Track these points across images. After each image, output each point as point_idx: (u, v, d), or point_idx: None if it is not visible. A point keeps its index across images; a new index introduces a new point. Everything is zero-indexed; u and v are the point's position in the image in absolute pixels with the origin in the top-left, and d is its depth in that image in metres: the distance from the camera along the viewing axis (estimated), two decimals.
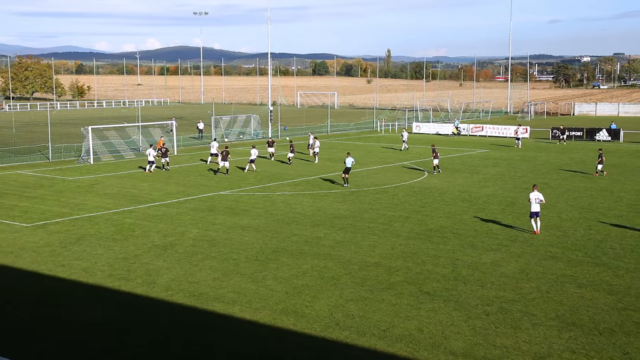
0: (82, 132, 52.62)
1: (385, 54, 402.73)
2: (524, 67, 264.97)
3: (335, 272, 21.36)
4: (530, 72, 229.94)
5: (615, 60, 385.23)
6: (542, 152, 56.98)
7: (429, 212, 30.73)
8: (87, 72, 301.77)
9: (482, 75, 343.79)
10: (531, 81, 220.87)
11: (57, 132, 71.07)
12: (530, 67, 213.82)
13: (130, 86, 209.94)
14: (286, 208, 31.74)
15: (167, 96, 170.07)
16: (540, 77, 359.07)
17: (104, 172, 44.20)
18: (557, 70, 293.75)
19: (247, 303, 18.53)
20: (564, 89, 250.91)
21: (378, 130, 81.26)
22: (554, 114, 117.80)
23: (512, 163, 49.08)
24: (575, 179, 41.02)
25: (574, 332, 16.49)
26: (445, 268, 21.84)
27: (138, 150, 55.53)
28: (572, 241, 25.36)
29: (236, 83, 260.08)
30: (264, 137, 70.51)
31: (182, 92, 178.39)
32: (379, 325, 16.90)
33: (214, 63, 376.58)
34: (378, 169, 45.44)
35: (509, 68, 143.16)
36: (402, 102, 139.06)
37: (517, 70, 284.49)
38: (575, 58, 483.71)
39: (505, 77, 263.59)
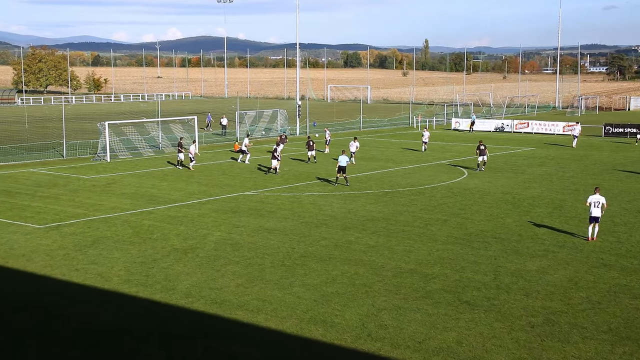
0: (99, 128, 53.29)
1: (423, 45, 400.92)
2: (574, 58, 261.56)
3: (367, 279, 21.33)
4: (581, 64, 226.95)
5: None
6: (594, 151, 56.24)
7: (469, 215, 30.53)
8: (104, 63, 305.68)
9: (528, 67, 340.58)
10: (582, 73, 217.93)
11: (72, 127, 72.12)
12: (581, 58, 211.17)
13: (149, 79, 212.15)
14: (315, 210, 31.78)
15: (189, 89, 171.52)
16: (592, 68, 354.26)
17: (121, 170, 44.72)
18: (611, 61, 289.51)
19: (272, 311, 18.59)
20: (618, 81, 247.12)
21: (414, 126, 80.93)
22: (607, 109, 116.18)
23: (561, 162, 48.52)
24: (630, 180, 40.40)
25: (629, 346, 16.24)
26: (486, 275, 21.67)
27: (158, 148, 56.06)
28: (627, 247, 24.98)
29: (262, 76, 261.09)
30: (291, 133, 70.71)
31: (205, 85, 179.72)
32: (414, 337, 16.84)
33: (238, 54, 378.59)
34: (414, 168, 45.27)
35: (558, 59, 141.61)
36: (441, 97, 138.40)
37: (566, 61, 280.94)
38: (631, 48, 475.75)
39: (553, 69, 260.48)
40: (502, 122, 76.75)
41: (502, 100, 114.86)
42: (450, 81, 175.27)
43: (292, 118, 75.70)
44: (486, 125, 77.28)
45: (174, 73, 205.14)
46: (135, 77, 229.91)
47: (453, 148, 57.97)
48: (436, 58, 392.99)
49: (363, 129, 77.22)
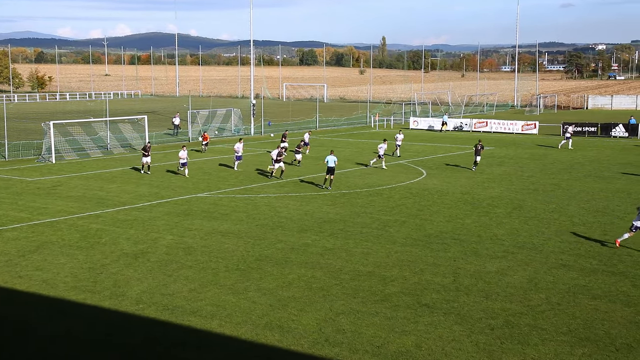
0: (43, 128, 52.39)
1: (380, 42, 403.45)
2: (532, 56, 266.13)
3: (324, 283, 21.37)
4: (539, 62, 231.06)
5: (633, 49, 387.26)
6: (553, 150, 57.26)
7: (427, 216, 30.81)
8: (48, 60, 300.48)
9: (487, 65, 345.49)
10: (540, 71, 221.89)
11: (15, 127, 70.76)
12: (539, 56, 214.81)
13: (96, 77, 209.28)
14: (270, 212, 31.73)
15: (139, 88, 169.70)
16: (550, 67, 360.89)
17: (68, 172, 44.03)
18: (569, 59, 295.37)
19: (226, 317, 18.50)
20: (576, 80, 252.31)
21: (372, 126, 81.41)
22: (565, 108, 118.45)
23: (520, 162, 49.29)
24: (588, 180, 41.24)
25: (588, 348, 16.57)
26: (445, 278, 21.90)
27: (106, 148, 55.36)
28: (586, 248, 25.49)
29: (215, 74, 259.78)
30: (245, 133, 70.49)
31: (155, 83, 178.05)
32: (372, 341, 16.92)
33: (190, 51, 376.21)
34: (372, 169, 45.50)
35: (516, 57, 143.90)
36: (399, 95, 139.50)
37: (525, 59, 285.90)
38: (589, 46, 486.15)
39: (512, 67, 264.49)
40: (460, 121, 77.67)
41: (460, 99, 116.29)
42: (408, 79, 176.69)
43: (247, 117, 75.48)
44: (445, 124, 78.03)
45: (122, 71, 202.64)
46: (82, 75, 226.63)
47: (411, 148, 58.44)
48: (394, 56, 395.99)
49: (319, 129, 77.36)
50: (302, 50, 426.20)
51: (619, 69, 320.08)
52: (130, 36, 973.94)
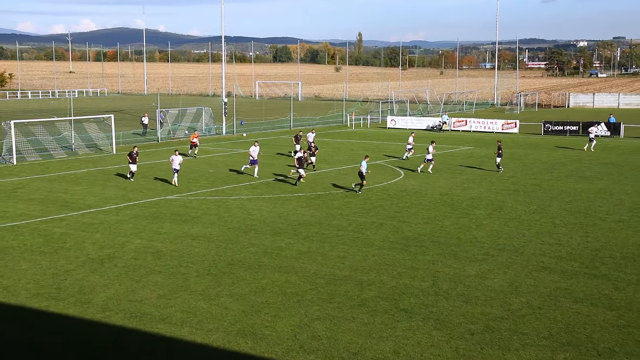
0: (3, 128, 51.84)
1: (356, 38, 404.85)
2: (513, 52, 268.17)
3: (299, 287, 21.37)
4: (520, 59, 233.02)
5: (615, 45, 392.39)
6: (533, 149, 57.76)
7: (405, 218, 30.94)
8: (8, 57, 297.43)
9: (466, 61, 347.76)
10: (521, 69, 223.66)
11: None
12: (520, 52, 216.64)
13: (60, 74, 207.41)
14: (243, 214, 31.67)
15: (105, 86, 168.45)
16: (531, 63, 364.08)
17: (30, 174, 43.59)
18: (550, 56, 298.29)
19: (197, 324, 18.44)
20: (557, 77, 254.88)
21: (348, 124, 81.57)
22: (546, 106, 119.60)
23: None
24: (570, 180, 41.66)
25: (570, 352, 16.74)
26: (424, 281, 22.00)
27: (70, 149, 54.91)
28: (567, 250, 25.75)
29: (185, 71, 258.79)
30: (217, 132, 70.30)
31: (122, 81, 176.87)
32: (349, 348, 16.96)
33: (159, 48, 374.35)
34: (348, 169, 45.58)
35: (496, 54, 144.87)
36: (376, 93, 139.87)
37: (505, 56, 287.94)
38: (570, 42, 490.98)
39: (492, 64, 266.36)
40: (439, 120, 78.05)
41: (439, 97, 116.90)
42: (385, 77, 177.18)
43: (218, 116, 75.23)
44: (423, 123, 78.45)
45: (87, 68, 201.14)
46: (45, 72, 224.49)
47: (389, 148, 58.65)
48: (370, 52, 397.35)
49: (294, 128, 77.33)
50: (276, 47, 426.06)
51: (601, 66, 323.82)
52: (95, 31, 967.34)
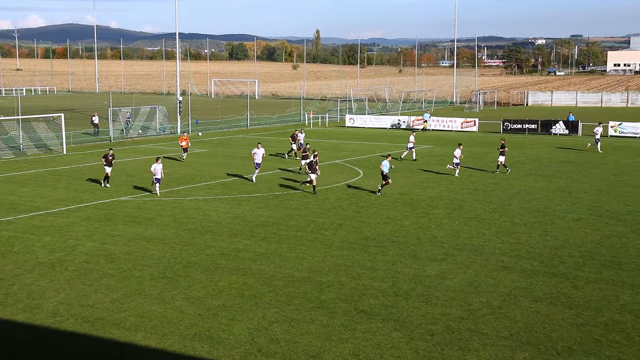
0: None
1: (314, 36, 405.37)
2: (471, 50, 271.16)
3: (256, 290, 21.33)
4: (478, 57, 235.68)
5: (572, 43, 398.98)
6: (493, 148, 58.36)
7: (364, 218, 31.06)
8: None
9: (425, 59, 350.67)
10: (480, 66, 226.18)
11: None
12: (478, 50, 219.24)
13: (7, 71, 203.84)
14: (199, 215, 31.49)
15: (54, 84, 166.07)
16: (489, 61, 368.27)
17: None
18: (509, 54, 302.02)
19: (152, 328, 18.29)
20: (516, 75, 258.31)
21: (306, 123, 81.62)
22: (505, 104, 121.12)
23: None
24: (529, 179, 42.22)
25: (529, 352, 16.98)
26: (384, 282, 22.11)
27: (18, 149, 54.02)
28: (527, 249, 26.10)
29: (138, 69, 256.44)
30: (172, 132, 69.80)
31: (73, 79, 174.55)
32: (308, 350, 16.97)
33: (110, 45, 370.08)
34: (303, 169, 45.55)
35: (455, 52, 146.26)
36: (334, 91, 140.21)
37: (464, 54, 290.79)
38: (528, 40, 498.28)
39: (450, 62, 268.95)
40: (398, 119, 78.53)
41: (398, 96, 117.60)
42: (344, 75, 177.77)
43: (173, 115, 74.70)
44: (382, 122, 78.84)
45: (36, 65, 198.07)
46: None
47: (348, 147, 58.84)
48: (328, 50, 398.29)
49: (250, 127, 77.16)
50: (232, 44, 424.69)
51: (559, 65, 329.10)
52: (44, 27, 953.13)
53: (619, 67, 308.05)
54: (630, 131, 67.08)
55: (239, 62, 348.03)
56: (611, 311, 19.53)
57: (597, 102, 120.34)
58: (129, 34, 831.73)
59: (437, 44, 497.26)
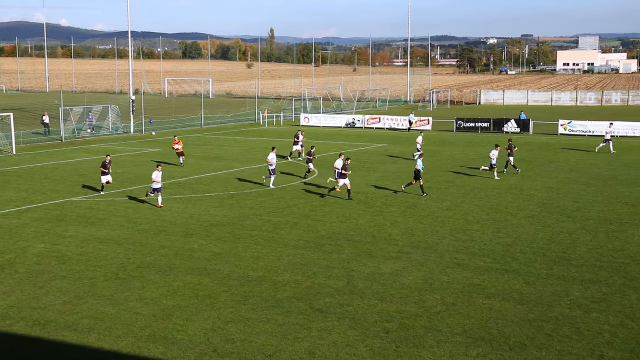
0: None
1: (268, 34, 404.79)
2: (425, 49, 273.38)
3: (212, 290, 21.23)
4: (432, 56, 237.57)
5: (523, 43, 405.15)
6: (447, 146, 58.99)
7: (320, 217, 31.11)
8: None
9: (379, 58, 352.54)
10: (433, 65, 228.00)
11: None
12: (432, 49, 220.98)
13: None
14: (153, 215, 31.22)
15: (2, 83, 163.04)
16: (442, 60, 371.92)
17: None
18: (461, 53, 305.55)
19: (105, 330, 18.08)
20: (469, 74, 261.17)
21: (260, 122, 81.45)
22: (458, 103, 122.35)
23: (414, 159, 50.43)
24: (482, 177, 42.68)
25: (483, 347, 17.19)
26: (339, 281, 22.18)
27: None
28: (480, 246, 26.42)
29: (89, 67, 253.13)
30: (125, 131, 69.06)
31: (22, 77, 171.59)
32: (263, 350, 16.95)
33: (61, 43, 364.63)
34: (261, 168, 45.50)
35: (409, 51, 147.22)
36: (288, 90, 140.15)
37: (417, 53, 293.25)
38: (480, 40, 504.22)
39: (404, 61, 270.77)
40: (353, 117, 78.80)
41: (352, 94, 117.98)
42: (298, 73, 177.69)
43: (126, 114, 73.87)
44: (336, 120, 79.04)
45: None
46: None
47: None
48: (283, 49, 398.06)
49: (205, 126, 76.71)
50: (185, 43, 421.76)
51: (510, 64, 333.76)
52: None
53: (568, 66, 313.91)
54: (579, 129, 68.33)
55: (193, 60, 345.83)
56: (561, 306, 19.89)
57: (547, 100, 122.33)
58: (80, 32, 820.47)
59: (391, 43, 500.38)
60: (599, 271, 23.11)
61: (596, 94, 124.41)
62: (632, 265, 23.74)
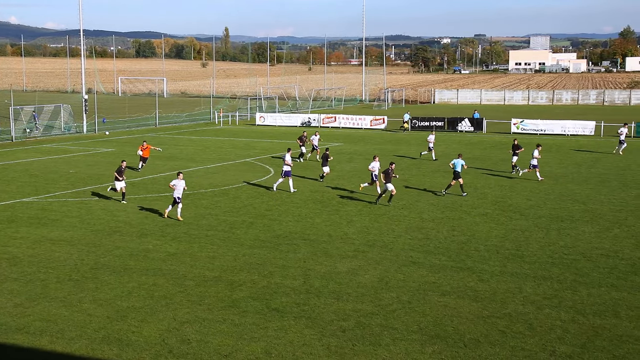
0: None
1: (223, 33, 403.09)
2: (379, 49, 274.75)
3: (167, 290, 21.06)
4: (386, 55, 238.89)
5: (476, 43, 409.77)
6: (402, 145, 59.35)
7: (276, 216, 31.07)
8: None
9: (334, 57, 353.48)
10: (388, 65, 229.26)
11: None
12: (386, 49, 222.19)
13: None
14: (107, 216, 30.86)
15: None
16: (397, 60, 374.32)
17: None
18: (416, 53, 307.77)
19: (58, 332, 17.82)
20: (423, 73, 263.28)
21: (215, 122, 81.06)
22: (413, 102, 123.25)
23: (369, 158, 50.64)
24: (437, 175, 43.07)
25: (438, 345, 17.34)
26: (295, 280, 22.18)
27: None
28: (435, 244, 26.64)
29: (41, 66, 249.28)
30: (77, 131, 68.12)
31: None
32: (219, 350, 16.87)
33: (10, 41, 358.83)
34: (216, 167, 45.30)
35: (364, 50, 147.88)
36: (244, 90, 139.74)
37: (372, 52, 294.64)
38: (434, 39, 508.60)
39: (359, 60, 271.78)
40: (308, 117, 78.85)
41: (308, 94, 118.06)
42: (254, 73, 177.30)
43: (78, 114, 72.87)
44: (292, 120, 79.02)
45: None
46: None
47: (258, 145, 58.72)
48: (238, 48, 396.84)
49: (159, 126, 76.06)
50: (139, 42, 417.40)
51: (464, 64, 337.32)
52: None
53: (520, 65, 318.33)
54: (531, 128, 69.34)
55: (147, 59, 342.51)
56: (515, 303, 20.16)
57: (500, 100, 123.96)
58: (31, 30, 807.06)
59: (346, 42, 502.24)
60: (551, 268, 23.49)
61: (547, 94, 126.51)
62: (582, 262, 24.18)
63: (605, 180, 40.93)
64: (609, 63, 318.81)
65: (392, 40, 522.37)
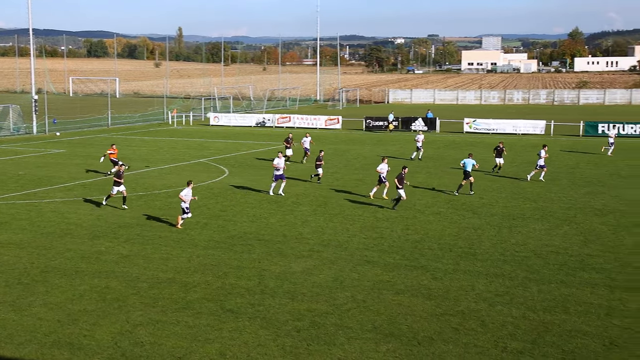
0: None
1: (176, 33, 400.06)
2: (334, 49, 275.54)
3: (120, 293, 20.83)
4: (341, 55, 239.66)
5: (429, 43, 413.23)
6: (356, 145, 59.57)
7: (230, 217, 30.95)
8: None
9: (289, 58, 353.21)
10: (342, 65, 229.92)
11: None
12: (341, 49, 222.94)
13: None
14: (57, 218, 30.40)
15: None
16: (352, 60, 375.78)
17: None
18: (370, 53, 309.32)
19: (7, 337, 17.50)
20: (377, 73, 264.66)
21: (169, 122, 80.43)
22: (367, 102, 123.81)
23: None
24: (391, 175, 43.25)
25: (392, 343, 17.45)
26: (250, 280, 22.12)
27: None
28: (389, 243, 26.79)
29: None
30: (27, 132, 66.98)
31: None
32: (173, 352, 16.75)
33: None
34: (170, 168, 44.95)
35: (318, 50, 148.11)
36: (198, 90, 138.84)
37: (326, 52, 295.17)
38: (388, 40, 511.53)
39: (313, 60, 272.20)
40: (263, 117, 78.66)
41: (262, 94, 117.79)
42: (208, 73, 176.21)
43: (28, 115, 71.63)
44: (247, 120, 78.77)
45: None
46: None
47: (212, 145, 58.41)
48: (191, 48, 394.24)
49: (112, 126, 75.19)
50: (90, 41, 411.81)
51: (417, 63, 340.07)
52: None
53: (473, 65, 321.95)
54: (484, 127, 70.18)
55: (99, 59, 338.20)
56: (468, 300, 20.39)
57: (453, 99, 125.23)
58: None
59: (301, 42, 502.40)
60: (503, 265, 23.81)
61: (499, 93, 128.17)
62: (533, 259, 24.56)
63: (556, 178, 41.62)
64: (559, 63, 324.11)
65: (346, 41, 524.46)
